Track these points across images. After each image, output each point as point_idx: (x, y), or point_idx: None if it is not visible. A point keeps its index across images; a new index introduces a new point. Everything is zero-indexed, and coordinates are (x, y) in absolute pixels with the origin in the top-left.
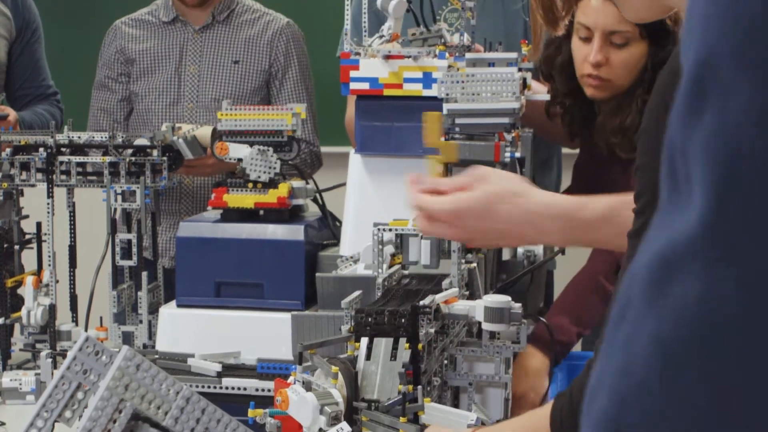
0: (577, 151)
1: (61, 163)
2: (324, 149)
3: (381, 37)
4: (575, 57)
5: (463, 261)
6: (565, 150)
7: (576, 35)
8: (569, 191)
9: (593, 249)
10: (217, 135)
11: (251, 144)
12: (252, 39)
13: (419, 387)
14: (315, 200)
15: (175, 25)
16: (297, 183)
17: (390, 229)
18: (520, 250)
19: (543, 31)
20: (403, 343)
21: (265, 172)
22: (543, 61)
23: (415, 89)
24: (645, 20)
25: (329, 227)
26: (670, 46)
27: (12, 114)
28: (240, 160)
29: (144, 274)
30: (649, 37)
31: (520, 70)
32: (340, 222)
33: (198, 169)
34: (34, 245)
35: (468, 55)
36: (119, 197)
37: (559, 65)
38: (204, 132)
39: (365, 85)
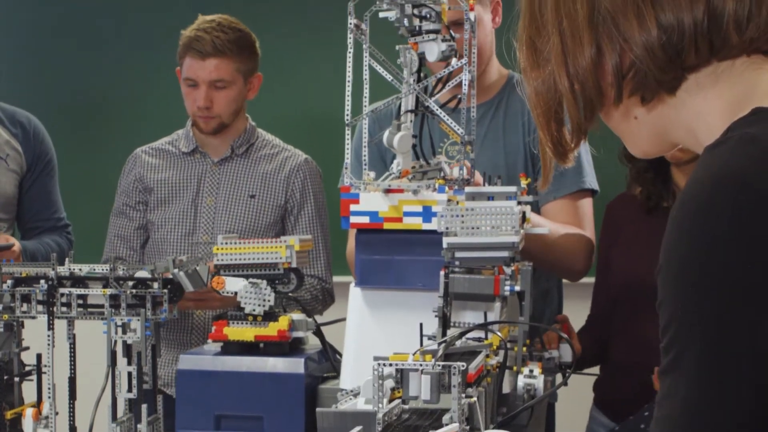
0: (577, 282)
1: (62, 295)
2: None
3: (390, 174)
4: None
5: (463, 395)
6: (565, 281)
7: None
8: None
9: None
10: (213, 270)
11: (248, 277)
12: (269, 174)
13: None
14: (316, 333)
15: (194, 156)
16: (297, 315)
17: (390, 364)
18: (520, 383)
19: (552, 163)
20: None
21: (259, 305)
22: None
23: (415, 223)
24: (650, 156)
25: (329, 360)
26: None
27: (16, 245)
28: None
29: (144, 407)
30: None
31: (519, 203)
32: (341, 354)
33: (206, 302)
34: (34, 377)
35: (467, 189)
36: (119, 329)
37: None
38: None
39: (365, 219)
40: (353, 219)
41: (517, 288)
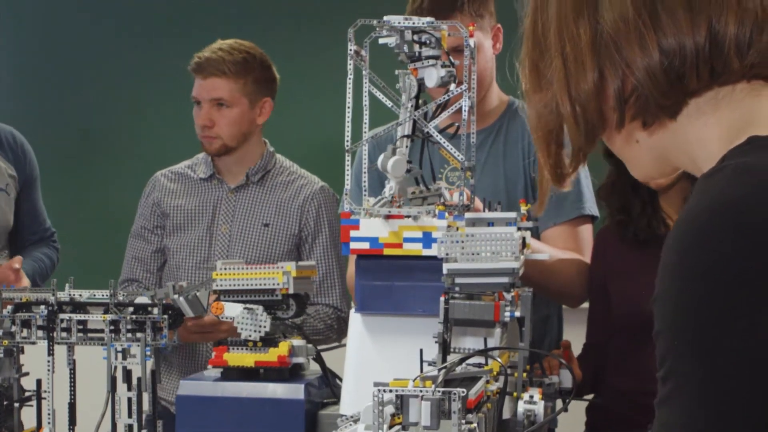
0: (577, 308)
1: (62, 320)
2: None
3: (382, 198)
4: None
5: (463, 421)
6: (564, 307)
7: None
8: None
9: None
10: (213, 295)
11: (247, 303)
12: (283, 203)
13: None
14: (316, 358)
15: (211, 182)
16: (297, 341)
17: (390, 390)
18: (520, 409)
19: (550, 186)
20: None
21: (255, 331)
22: (603, 188)
23: (415, 249)
24: (653, 179)
25: (329, 385)
26: None
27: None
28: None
29: None
30: None
31: (519, 229)
32: (341, 380)
33: (211, 334)
34: (34, 402)
35: (467, 215)
36: (119, 355)
37: (619, 184)
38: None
39: (365, 245)
40: (353, 245)
41: (517, 314)
